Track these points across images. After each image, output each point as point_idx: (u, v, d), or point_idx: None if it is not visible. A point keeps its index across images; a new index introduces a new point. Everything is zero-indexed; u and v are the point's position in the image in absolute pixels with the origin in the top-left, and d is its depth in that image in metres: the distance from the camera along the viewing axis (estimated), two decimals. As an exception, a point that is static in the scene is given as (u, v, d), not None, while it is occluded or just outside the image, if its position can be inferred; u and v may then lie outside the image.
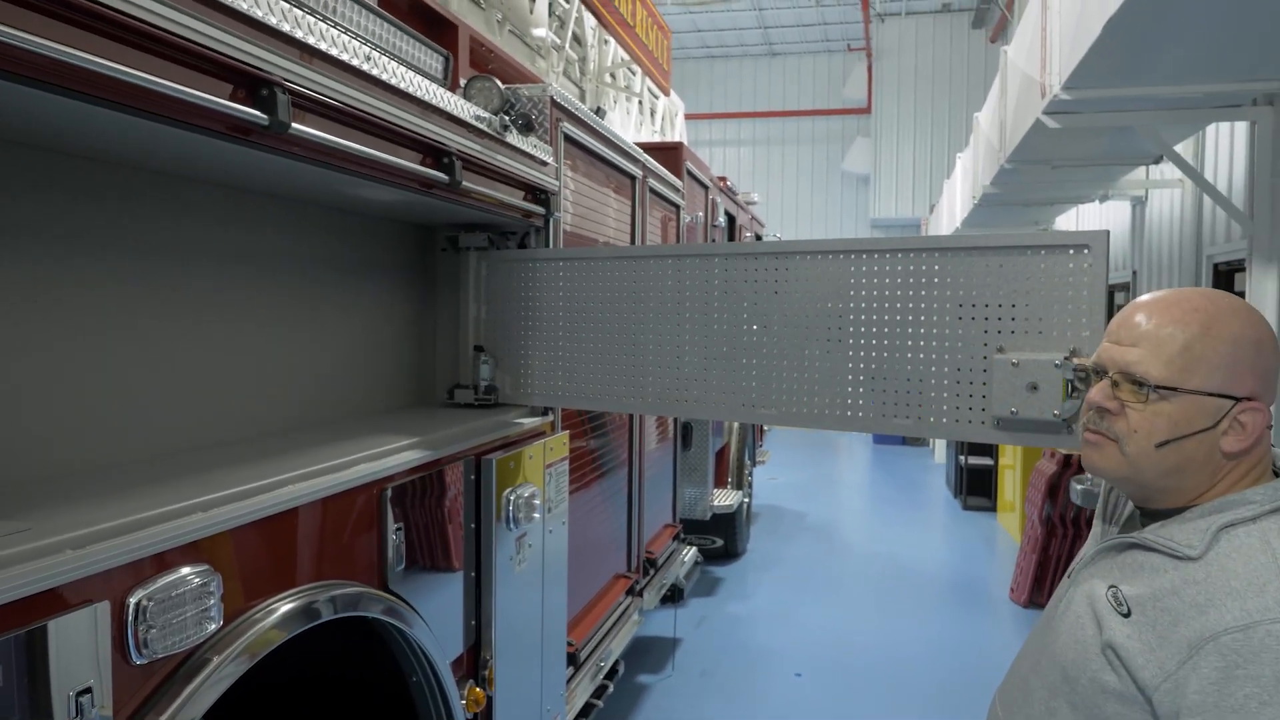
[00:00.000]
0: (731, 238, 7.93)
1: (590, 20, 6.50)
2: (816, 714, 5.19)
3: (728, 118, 19.13)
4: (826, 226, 18.41)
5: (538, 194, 3.09)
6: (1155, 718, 1.31)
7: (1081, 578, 1.54)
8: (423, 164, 2.28)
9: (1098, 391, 1.45)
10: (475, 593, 2.65)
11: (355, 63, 1.92)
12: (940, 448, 14.17)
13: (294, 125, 1.72)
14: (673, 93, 9.76)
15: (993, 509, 10.60)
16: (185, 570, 1.54)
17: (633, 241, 4.47)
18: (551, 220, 3.21)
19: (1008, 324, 2.26)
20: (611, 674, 4.21)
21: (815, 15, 17.47)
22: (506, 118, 2.75)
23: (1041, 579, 7.37)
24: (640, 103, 8.31)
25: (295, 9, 1.76)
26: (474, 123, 2.54)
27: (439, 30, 3.38)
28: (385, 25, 2.15)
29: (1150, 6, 3.09)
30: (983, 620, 7.02)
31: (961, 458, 11.13)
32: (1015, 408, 2.18)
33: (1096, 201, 7.85)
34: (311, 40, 1.79)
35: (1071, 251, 2.19)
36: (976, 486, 10.97)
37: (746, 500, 8.78)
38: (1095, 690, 1.38)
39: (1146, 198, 8.95)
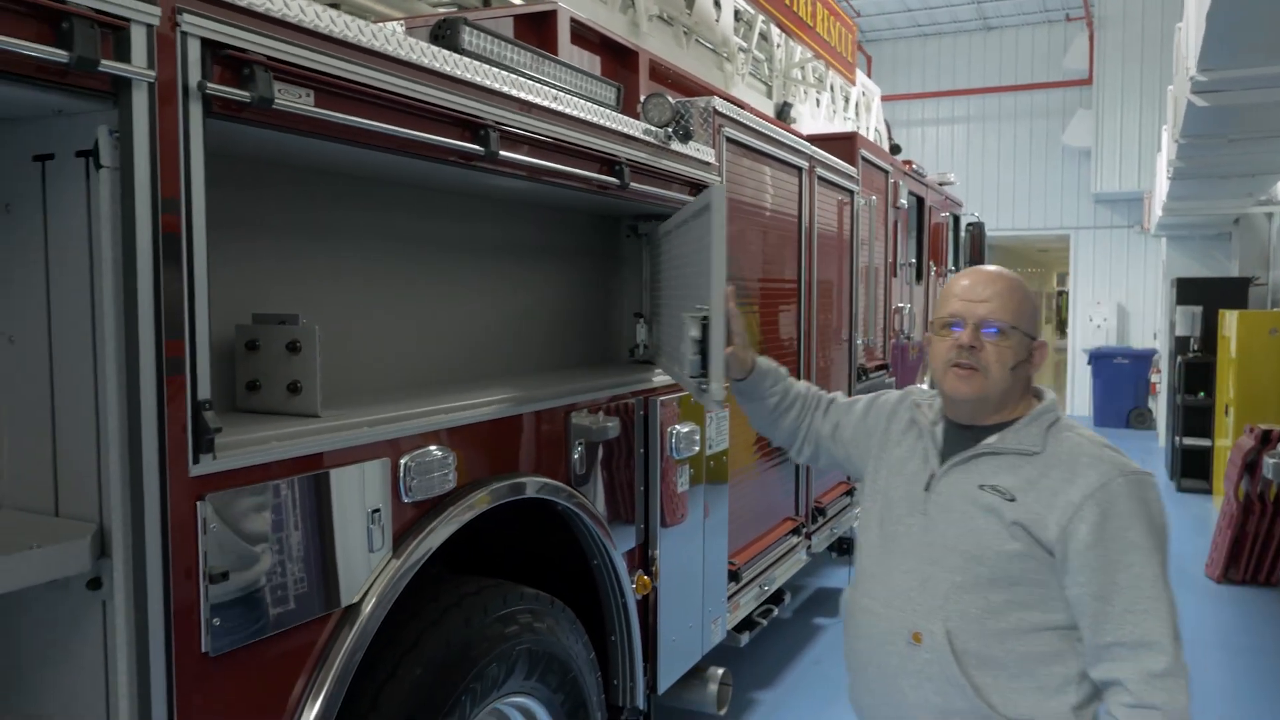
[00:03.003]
0: (920, 219, 8.27)
1: (776, 22, 7.08)
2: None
3: (940, 96, 18.92)
4: (1045, 202, 17.86)
5: (699, 189, 3.77)
6: (1053, 560, 1.92)
7: (941, 488, 2.07)
8: (599, 172, 3.03)
9: (967, 334, 2.02)
10: (644, 502, 3.40)
11: (544, 103, 2.69)
12: (1164, 429, 13.65)
13: (501, 153, 2.50)
14: (867, 78, 10.13)
15: (1209, 490, 10.30)
16: (433, 448, 2.37)
17: (799, 226, 5.06)
18: (714, 210, 3.89)
19: None
20: (777, 599, 4.85)
21: (1033, -15, 17.04)
22: (671, 129, 3.46)
23: (1237, 555, 7.30)
24: (831, 91, 8.78)
25: (503, 71, 2.55)
26: (641, 136, 3.26)
27: (623, 57, 4.14)
28: (569, 72, 2.92)
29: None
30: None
31: (1177, 438, 10.88)
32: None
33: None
34: (513, 92, 2.57)
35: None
36: (1193, 467, 10.71)
37: (937, 472, 9.07)
38: (1002, 558, 1.95)
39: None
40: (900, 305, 7.33)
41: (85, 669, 1.73)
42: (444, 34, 2.40)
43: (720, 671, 3.92)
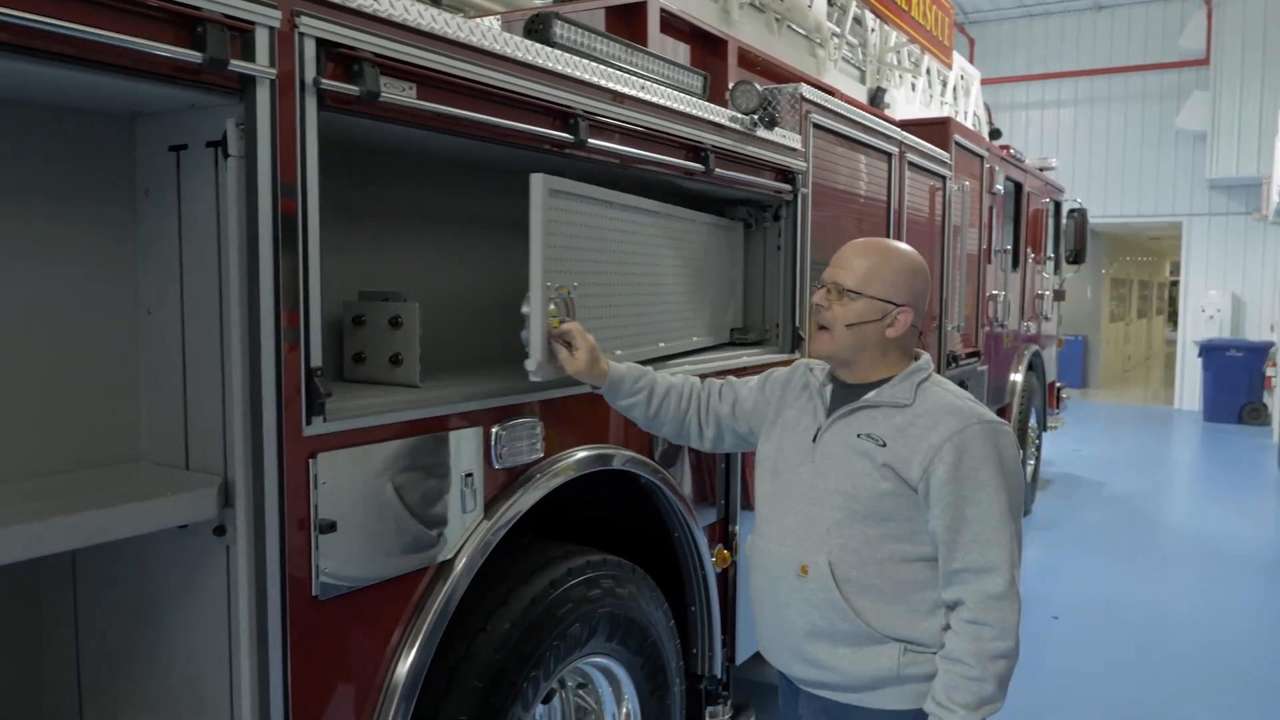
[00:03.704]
0: (1018, 204, 8.14)
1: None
2: (1063, 651, 5.54)
3: (1046, 79, 18.36)
4: (1156, 188, 17.20)
5: (785, 175, 3.84)
6: (918, 497, 2.14)
7: (826, 439, 2.28)
8: (685, 158, 3.13)
9: (818, 295, 2.29)
10: (725, 479, 3.50)
11: (631, 92, 2.81)
12: (1278, 425, 13.10)
13: (590, 140, 2.63)
14: (967, 62, 9.95)
15: (1324, 489, 9.90)
16: (522, 418, 2.52)
17: (889, 210, 5.07)
18: (799, 195, 3.95)
19: None
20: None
21: (1148, -38, 16.41)
22: (757, 116, 3.53)
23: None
24: (928, 75, 8.67)
25: (592, 62, 2.67)
26: (726, 123, 3.35)
27: (712, 46, 4.22)
28: (656, 61, 3.02)
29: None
30: (1262, 588, 6.88)
31: (1290, 434, 10.47)
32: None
33: None
34: (601, 82, 2.69)
35: None
36: (1308, 465, 10.29)
37: (1031, 463, 8.94)
38: (874, 497, 2.17)
39: None
40: (994, 293, 7.24)
41: (210, 605, 1.93)
42: (537, 28, 2.54)
43: (799, 648, 4.00)
